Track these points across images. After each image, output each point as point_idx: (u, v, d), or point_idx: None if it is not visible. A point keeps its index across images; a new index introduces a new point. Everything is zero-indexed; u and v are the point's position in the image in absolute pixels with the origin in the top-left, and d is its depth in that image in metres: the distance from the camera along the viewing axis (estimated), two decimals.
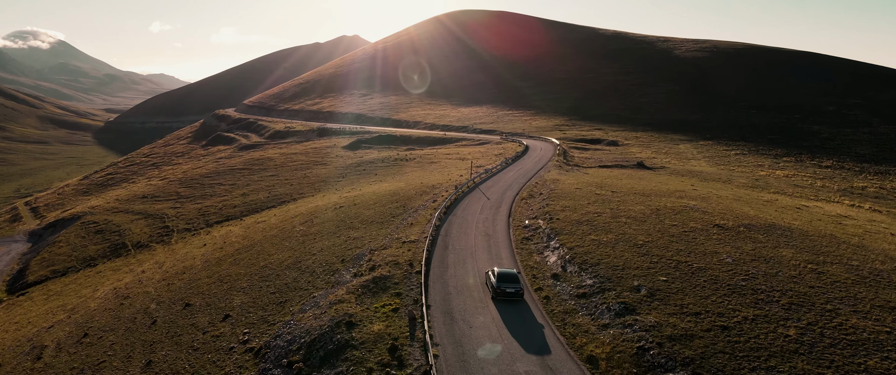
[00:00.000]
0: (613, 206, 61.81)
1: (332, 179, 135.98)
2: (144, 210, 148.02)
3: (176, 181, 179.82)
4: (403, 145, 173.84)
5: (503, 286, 40.01)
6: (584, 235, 50.42)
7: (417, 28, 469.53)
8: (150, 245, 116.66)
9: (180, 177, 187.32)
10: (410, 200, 77.34)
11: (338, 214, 77.92)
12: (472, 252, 50.82)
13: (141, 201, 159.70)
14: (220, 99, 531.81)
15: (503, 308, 38.97)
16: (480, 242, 54.04)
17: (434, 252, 50.52)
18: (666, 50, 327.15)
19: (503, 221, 62.26)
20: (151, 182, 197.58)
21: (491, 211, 66.97)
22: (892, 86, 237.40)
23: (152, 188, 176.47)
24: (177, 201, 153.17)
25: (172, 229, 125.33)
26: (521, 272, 45.69)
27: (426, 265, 46.84)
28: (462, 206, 70.28)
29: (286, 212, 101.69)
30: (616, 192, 72.66)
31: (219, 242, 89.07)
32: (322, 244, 61.25)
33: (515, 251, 51.73)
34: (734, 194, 78.62)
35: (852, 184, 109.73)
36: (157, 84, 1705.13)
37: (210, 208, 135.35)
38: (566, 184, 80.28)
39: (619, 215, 56.84)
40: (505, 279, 40.48)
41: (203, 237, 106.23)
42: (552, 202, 65.45)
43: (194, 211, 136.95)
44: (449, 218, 63.62)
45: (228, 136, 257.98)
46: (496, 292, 40.14)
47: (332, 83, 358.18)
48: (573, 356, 32.68)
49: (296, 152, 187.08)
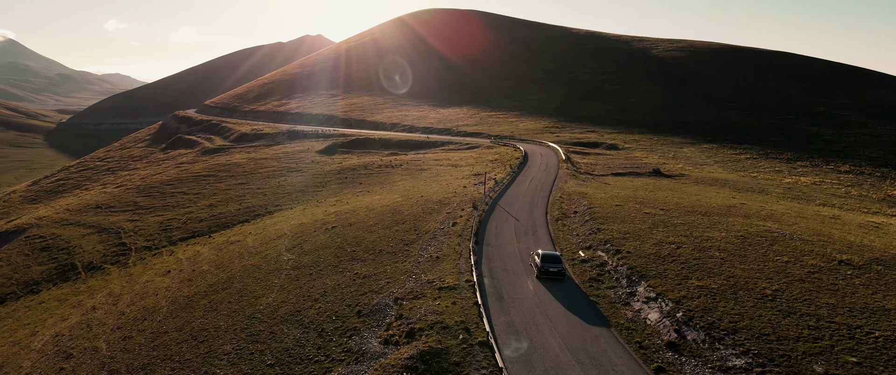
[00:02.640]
0: (685, 231, 50.37)
1: (310, 188, 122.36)
2: (98, 223, 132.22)
3: (133, 189, 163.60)
4: (384, 149, 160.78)
5: (547, 266, 43.67)
6: (681, 278, 38.71)
7: (382, 28, 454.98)
8: (103, 267, 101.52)
9: (138, 184, 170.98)
10: (420, 220, 64.80)
11: (332, 238, 64.93)
12: (538, 305, 38.59)
13: (94, 212, 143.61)
14: (180, 100, 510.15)
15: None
16: (540, 287, 41.78)
17: (490, 306, 38.05)
18: (642, 50, 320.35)
19: None
20: (106, 190, 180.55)
21: (529, 238, 54.91)
22: (873, 86, 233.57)
23: (107, 197, 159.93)
24: (134, 213, 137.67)
25: (130, 247, 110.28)
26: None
27: (490, 330, 34.32)
28: (491, 231, 58.02)
29: (263, 230, 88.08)
30: (666, 209, 61.33)
31: (186, 269, 75.12)
32: (323, 283, 48.43)
33: (591, 299, 39.67)
34: (796, 210, 67.96)
35: (887, 192, 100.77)
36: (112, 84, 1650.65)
37: (173, 222, 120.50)
38: (597, 199, 68.73)
39: (704, 247, 45.37)
40: (549, 260, 44.32)
41: (166, 259, 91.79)
42: (602, 226, 53.71)
43: (155, 225, 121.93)
44: (483, 249, 51.26)
45: (190, 139, 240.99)
46: (540, 271, 43.99)
47: (298, 83, 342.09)
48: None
49: (266, 156, 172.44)
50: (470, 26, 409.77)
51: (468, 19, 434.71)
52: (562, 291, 40.90)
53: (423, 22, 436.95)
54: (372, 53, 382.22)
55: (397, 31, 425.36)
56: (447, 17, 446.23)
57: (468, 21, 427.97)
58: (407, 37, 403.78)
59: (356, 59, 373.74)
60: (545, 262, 43.69)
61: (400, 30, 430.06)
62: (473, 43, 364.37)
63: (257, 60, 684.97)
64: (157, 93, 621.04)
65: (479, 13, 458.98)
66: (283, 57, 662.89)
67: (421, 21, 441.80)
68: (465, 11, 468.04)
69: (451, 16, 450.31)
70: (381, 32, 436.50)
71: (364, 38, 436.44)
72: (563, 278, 43.30)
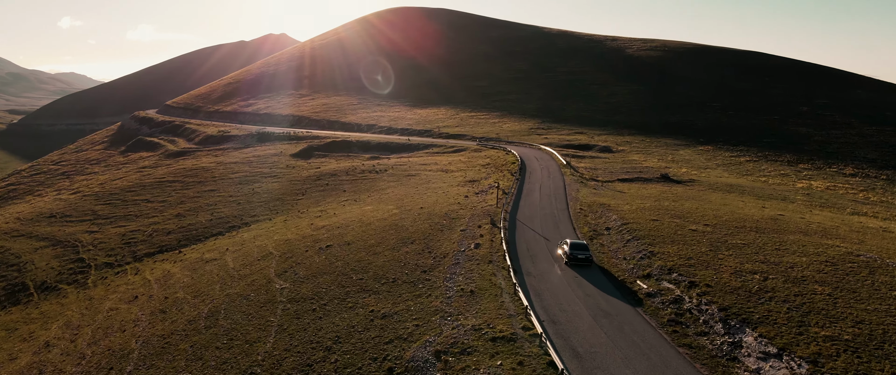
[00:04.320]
0: (756, 256, 43.27)
1: (288, 196, 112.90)
2: (52, 235, 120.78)
3: (91, 196, 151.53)
4: (364, 151, 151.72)
5: (575, 254, 46.99)
6: (797, 325, 31.36)
7: (347, 28, 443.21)
8: (58, 288, 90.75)
9: (97, 190, 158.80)
10: (431, 240, 56.59)
11: (329, 260, 56.31)
12: (626, 362, 30.63)
13: (48, 222, 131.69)
14: (140, 100, 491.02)
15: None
16: (615, 335, 33.87)
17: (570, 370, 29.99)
18: (617, 49, 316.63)
19: (604, 282, 42.55)
20: (61, 196, 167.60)
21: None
22: (849, 86, 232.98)
23: (63, 205, 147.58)
24: (93, 223, 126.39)
25: (89, 263, 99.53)
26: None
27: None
28: (523, 255, 50.08)
29: (242, 246, 78.75)
30: (712, 225, 54.32)
31: (157, 294, 65.54)
32: (332, 324, 40.00)
33: (677, 348, 32.00)
34: (845, 223, 61.57)
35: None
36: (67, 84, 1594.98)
37: (136, 234, 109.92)
38: (625, 211, 61.46)
39: (795, 278, 38.24)
40: (577, 248, 47.72)
41: (131, 280, 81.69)
42: (653, 247, 46.35)
43: (116, 237, 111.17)
44: (525, 280, 43.17)
45: (152, 141, 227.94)
46: (569, 258, 47.17)
47: (264, 83, 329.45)
48: None
49: (235, 160, 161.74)
50: (438, 26, 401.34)
51: (435, 19, 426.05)
52: (645, 340, 33.03)
53: (389, 22, 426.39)
54: (338, 52, 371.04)
55: (363, 31, 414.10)
56: (414, 17, 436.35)
57: (435, 21, 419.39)
58: (373, 37, 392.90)
59: (323, 58, 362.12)
60: (574, 250, 47.52)
61: (365, 30, 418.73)
62: (443, 43, 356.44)
63: (220, 58, 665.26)
64: (115, 93, 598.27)
65: (448, 12, 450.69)
66: (247, 56, 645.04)
67: (386, 21, 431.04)
68: (433, 10, 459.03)
69: (417, 15, 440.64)
70: (346, 32, 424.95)
71: (329, 38, 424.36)
72: (591, 264, 46.96)
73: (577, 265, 46.38)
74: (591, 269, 46.04)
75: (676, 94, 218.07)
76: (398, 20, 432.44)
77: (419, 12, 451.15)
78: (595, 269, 46.05)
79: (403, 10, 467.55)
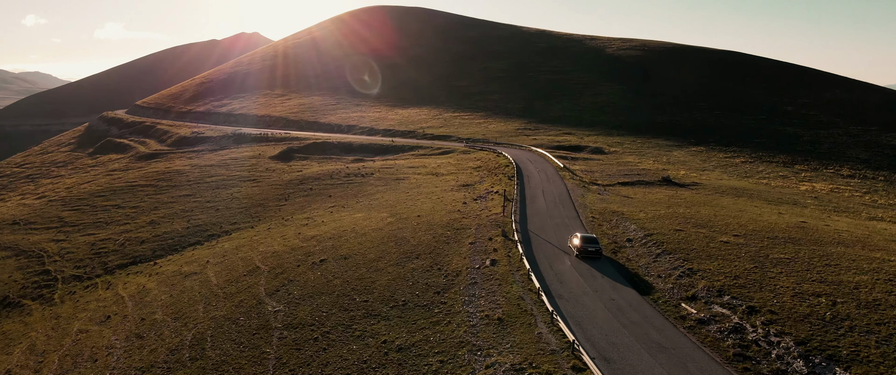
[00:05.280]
0: (808, 273, 39.10)
1: (270, 202, 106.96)
2: (15, 244, 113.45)
3: (58, 201, 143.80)
4: (346, 154, 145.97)
5: (586, 247, 49.33)
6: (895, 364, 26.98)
7: (321, 27, 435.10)
8: (21, 304, 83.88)
9: (64, 195, 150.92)
10: (439, 254, 51.65)
11: (326, 277, 51.07)
12: None
13: (10, 230, 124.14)
14: (109, 100, 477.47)
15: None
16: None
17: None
18: (596, 48, 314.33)
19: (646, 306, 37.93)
20: (25, 201, 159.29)
21: (602, 283, 42.44)
22: (827, 85, 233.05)
23: (27, 211, 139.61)
24: (60, 231, 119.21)
25: (55, 276, 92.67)
26: None
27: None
28: (547, 273, 45.19)
29: (225, 258, 72.95)
30: (741, 235, 50.29)
31: (132, 315, 59.58)
32: (340, 357, 34.97)
33: None
34: (869, 229, 57.94)
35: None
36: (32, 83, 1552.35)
37: (107, 244, 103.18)
38: (642, 220, 57.20)
39: (866, 301, 34.12)
40: (588, 241, 49.97)
41: (102, 296, 75.36)
42: (691, 264, 42.08)
43: (85, 247, 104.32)
44: (559, 305, 38.37)
45: (122, 142, 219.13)
46: (580, 251, 49.54)
47: (238, 83, 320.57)
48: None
49: (211, 163, 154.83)
50: (414, 25, 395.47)
51: (412, 18, 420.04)
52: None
53: (364, 21, 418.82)
54: (313, 52, 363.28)
55: (337, 31, 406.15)
56: (389, 16, 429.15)
57: (412, 20, 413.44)
58: (347, 36, 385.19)
59: (298, 58, 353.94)
60: (585, 243, 49.96)
61: (339, 29, 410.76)
62: (420, 42, 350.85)
63: (191, 58, 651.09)
64: (83, 93, 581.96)
65: (423, 11, 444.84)
66: (219, 55, 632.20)
67: (361, 20, 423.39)
68: (408, 9, 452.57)
69: (393, 15, 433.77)
70: (320, 31, 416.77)
71: (303, 37, 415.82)
72: (600, 257, 49.60)
73: (587, 258, 49.13)
74: (616, 284, 41.54)
75: (660, 93, 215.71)
76: (373, 19, 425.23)
77: (395, 11, 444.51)
78: (611, 267, 41.69)
79: (378, 8, 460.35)
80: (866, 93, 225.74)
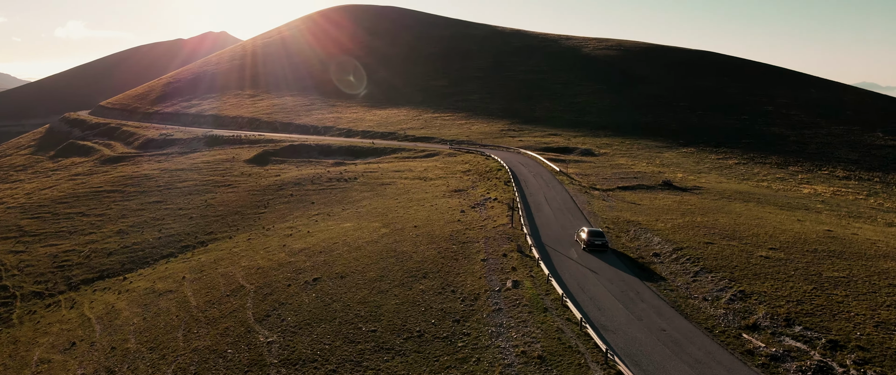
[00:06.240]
0: (881, 296, 34.92)
1: (249, 209, 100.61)
2: None
3: (16, 208, 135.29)
4: (325, 156, 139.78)
5: (593, 240, 51.11)
6: None
7: (290, 27, 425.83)
8: None
9: (22, 202, 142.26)
10: (448, 273, 46.52)
11: (323, 301, 45.59)
12: None
13: None
14: (71, 101, 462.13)
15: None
16: None
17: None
18: (572, 48, 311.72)
19: (704, 338, 33.24)
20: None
21: (644, 309, 37.66)
22: (802, 85, 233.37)
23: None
24: (18, 241, 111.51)
25: (13, 293, 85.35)
26: None
27: None
28: (580, 297, 40.29)
29: (202, 272, 66.78)
30: (781, 249, 46.13)
31: (101, 343, 53.29)
32: None
33: None
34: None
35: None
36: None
37: (71, 256, 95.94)
38: (662, 231, 52.90)
39: None
40: (594, 234, 51.66)
41: (66, 317, 68.58)
42: (739, 285, 37.70)
43: (47, 259, 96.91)
44: (608, 339, 33.42)
45: (85, 144, 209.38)
46: (586, 244, 51.31)
47: (207, 83, 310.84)
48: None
49: (182, 167, 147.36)
50: (386, 25, 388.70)
51: (384, 17, 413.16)
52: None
53: (334, 21, 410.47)
54: (283, 52, 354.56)
55: (306, 31, 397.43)
56: (361, 16, 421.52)
57: (384, 19, 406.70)
58: (317, 36, 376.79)
59: (269, 58, 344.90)
60: (591, 237, 51.58)
61: (309, 29, 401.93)
62: (395, 42, 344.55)
63: (157, 57, 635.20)
64: (43, 93, 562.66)
65: (395, 10, 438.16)
66: (186, 55, 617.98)
67: (332, 20, 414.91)
68: (380, 8, 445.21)
69: (364, 14, 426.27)
70: (290, 31, 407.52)
71: (273, 37, 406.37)
72: (607, 250, 51.16)
73: (594, 251, 50.94)
74: (659, 307, 36.88)
75: (640, 93, 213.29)
76: (344, 19, 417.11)
77: (366, 11, 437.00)
78: (647, 290, 36.95)
79: (349, 8, 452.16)
80: (841, 92, 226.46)
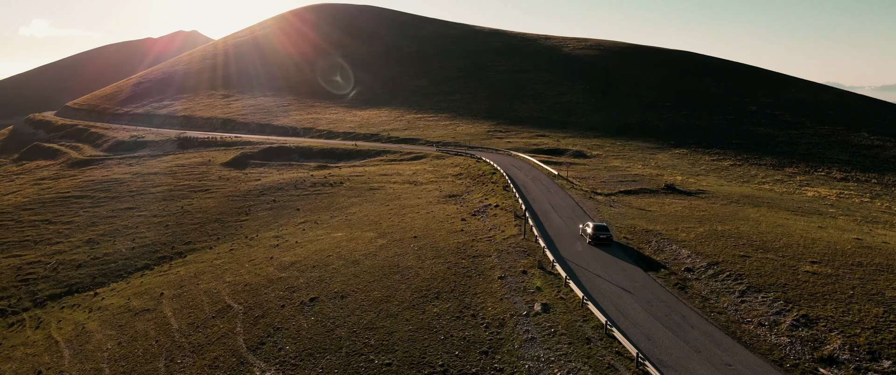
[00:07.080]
0: None
1: (229, 217, 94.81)
2: None
3: None
4: (307, 159, 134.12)
5: (598, 234, 53.08)
6: None
7: (263, 26, 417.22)
8: None
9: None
10: (462, 292, 41.94)
11: (323, 324, 40.70)
12: None
13: None
14: (35, 101, 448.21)
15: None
16: None
17: None
18: (552, 47, 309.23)
19: (773, 373, 29.16)
20: None
21: (697, 337, 33.43)
22: (783, 85, 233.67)
23: None
24: None
25: None
26: None
27: None
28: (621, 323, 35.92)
29: (182, 288, 61.25)
30: (826, 262, 42.46)
31: (69, 371, 47.66)
32: None
33: None
34: None
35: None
36: None
37: (36, 268, 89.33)
38: (687, 242, 49.03)
39: None
40: (599, 229, 53.69)
41: (31, 339, 62.52)
42: (800, 310, 33.72)
43: (10, 272, 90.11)
44: (664, 373, 29.19)
45: (51, 147, 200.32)
46: (592, 238, 53.29)
47: (178, 83, 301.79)
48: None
49: (155, 170, 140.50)
50: (362, 24, 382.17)
51: (360, 17, 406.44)
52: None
53: (308, 21, 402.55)
54: (256, 52, 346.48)
55: (280, 30, 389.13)
56: (336, 15, 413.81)
57: (360, 18, 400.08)
58: (290, 36, 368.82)
59: (242, 57, 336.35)
60: (597, 231, 53.53)
61: (282, 28, 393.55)
62: (372, 41, 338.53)
63: (125, 56, 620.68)
64: (6, 93, 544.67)
65: (371, 9, 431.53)
66: (155, 54, 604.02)
67: (306, 19, 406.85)
68: (356, 7, 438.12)
69: (339, 13, 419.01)
70: (263, 30, 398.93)
71: (245, 36, 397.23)
72: (611, 243, 52.99)
73: (599, 244, 52.83)
74: (738, 349, 32.61)
75: (624, 93, 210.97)
76: (318, 18, 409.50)
77: (342, 9, 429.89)
78: (694, 314, 32.76)
79: (324, 6, 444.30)
80: (820, 93, 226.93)
